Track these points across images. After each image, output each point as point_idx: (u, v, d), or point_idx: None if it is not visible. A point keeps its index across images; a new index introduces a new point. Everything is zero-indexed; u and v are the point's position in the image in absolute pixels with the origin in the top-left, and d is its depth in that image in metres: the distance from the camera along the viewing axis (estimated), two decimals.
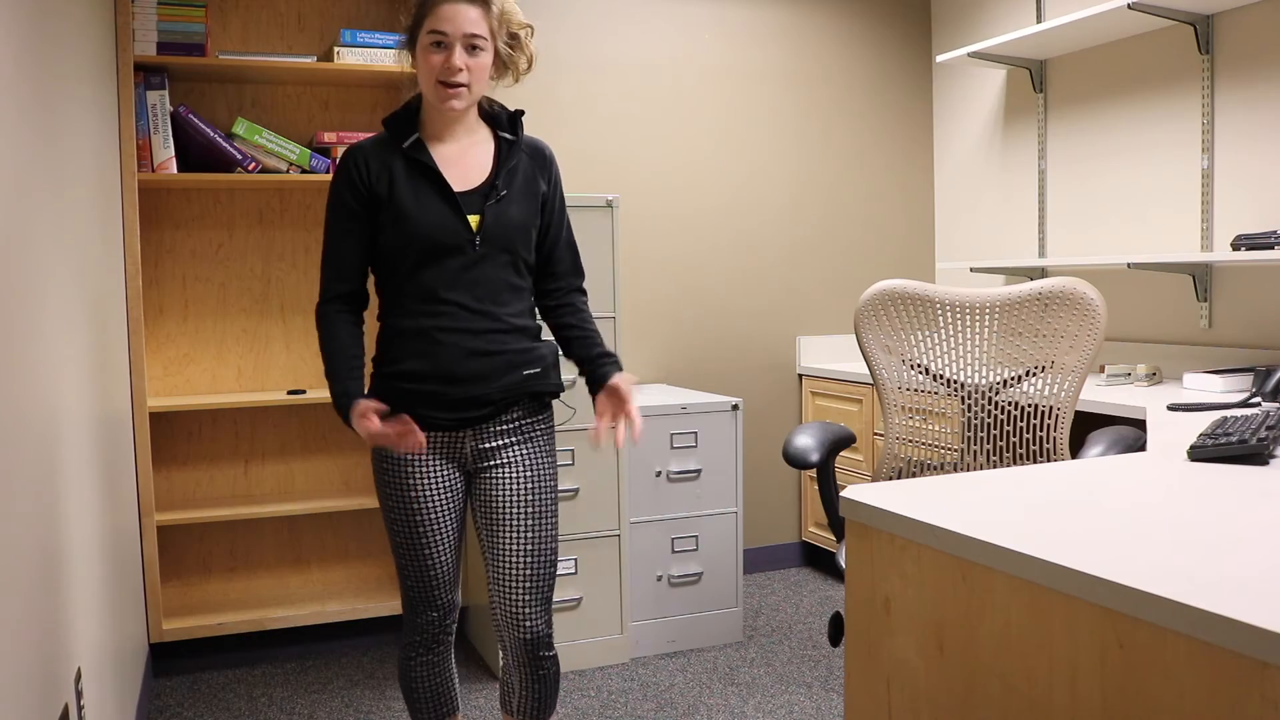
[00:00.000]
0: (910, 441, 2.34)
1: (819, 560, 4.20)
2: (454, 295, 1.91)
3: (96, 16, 2.55)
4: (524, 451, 2.00)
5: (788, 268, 4.14)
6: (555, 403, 2.66)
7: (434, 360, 1.91)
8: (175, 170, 3.00)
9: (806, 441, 2.22)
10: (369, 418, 1.85)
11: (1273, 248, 2.77)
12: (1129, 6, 3.02)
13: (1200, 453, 1.67)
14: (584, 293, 2.13)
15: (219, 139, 3.05)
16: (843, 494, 1.45)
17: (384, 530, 3.50)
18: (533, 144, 2.04)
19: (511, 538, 1.99)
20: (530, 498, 2.00)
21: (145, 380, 2.95)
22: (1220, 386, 2.77)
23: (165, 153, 2.99)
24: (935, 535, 1.27)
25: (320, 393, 3.23)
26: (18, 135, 1.49)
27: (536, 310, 2.07)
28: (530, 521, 1.99)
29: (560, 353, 2.09)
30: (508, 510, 1.99)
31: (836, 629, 2.11)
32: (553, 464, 2.04)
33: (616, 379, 1.99)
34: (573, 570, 3.10)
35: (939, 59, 3.81)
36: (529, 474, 2.00)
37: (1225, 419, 1.90)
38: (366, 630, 3.37)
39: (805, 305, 4.17)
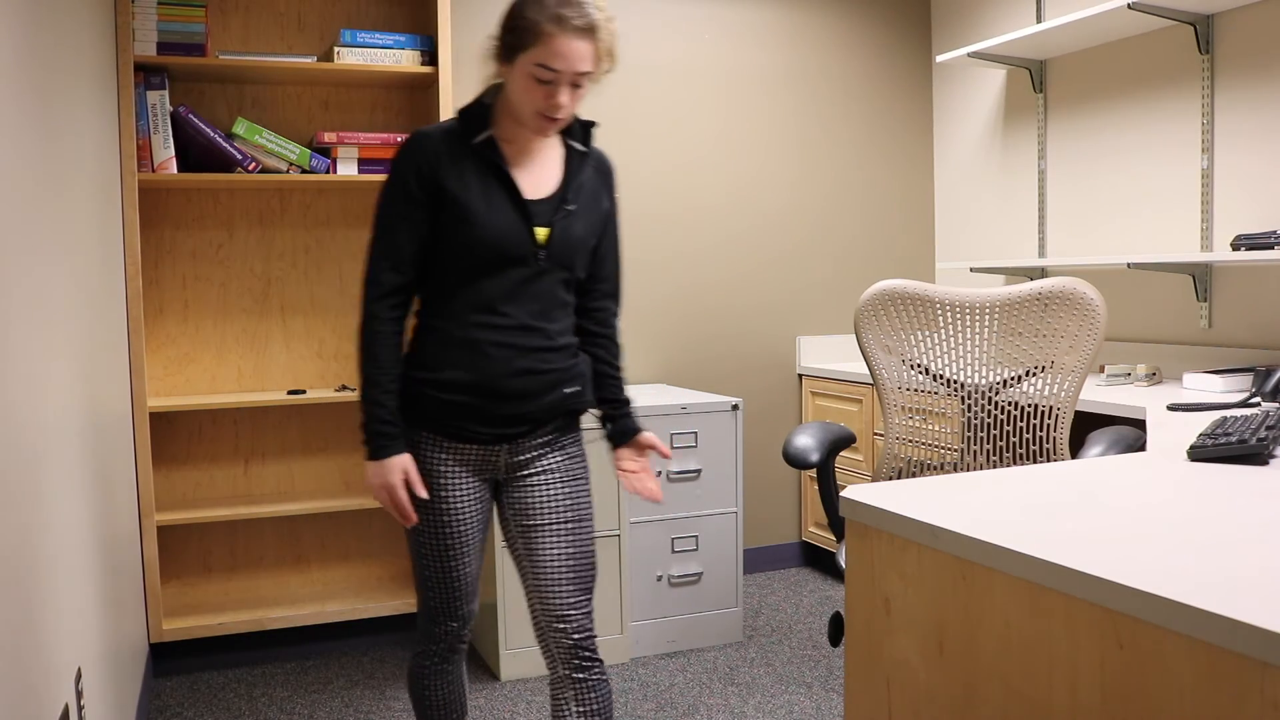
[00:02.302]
0: (910, 441, 2.34)
1: (819, 560, 4.20)
2: (511, 308, 1.84)
3: (96, 16, 2.55)
4: (558, 460, 1.96)
5: (787, 268, 4.14)
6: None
7: (480, 373, 1.84)
8: (175, 170, 3.00)
9: (806, 441, 2.22)
10: (400, 490, 1.82)
11: (1273, 248, 2.77)
12: (1129, 6, 3.02)
13: (1200, 453, 1.67)
14: (618, 316, 2.08)
15: (219, 139, 3.05)
16: (843, 494, 1.45)
17: (384, 530, 3.50)
18: (598, 156, 1.97)
19: (552, 543, 1.93)
20: (568, 503, 1.94)
21: (145, 380, 2.95)
22: (1220, 386, 2.77)
23: (165, 153, 2.99)
24: (935, 535, 1.27)
25: (320, 393, 3.23)
26: (18, 135, 1.49)
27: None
28: (571, 526, 1.94)
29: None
30: (547, 518, 1.93)
31: (836, 629, 2.11)
32: (586, 471, 2.00)
33: (646, 437, 2.01)
34: None
35: (939, 59, 3.81)
36: (566, 480, 1.95)
37: (1225, 419, 1.90)
38: (366, 630, 3.37)
39: (805, 305, 4.17)
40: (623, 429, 2.03)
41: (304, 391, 3.25)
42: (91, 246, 2.27)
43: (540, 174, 1.89)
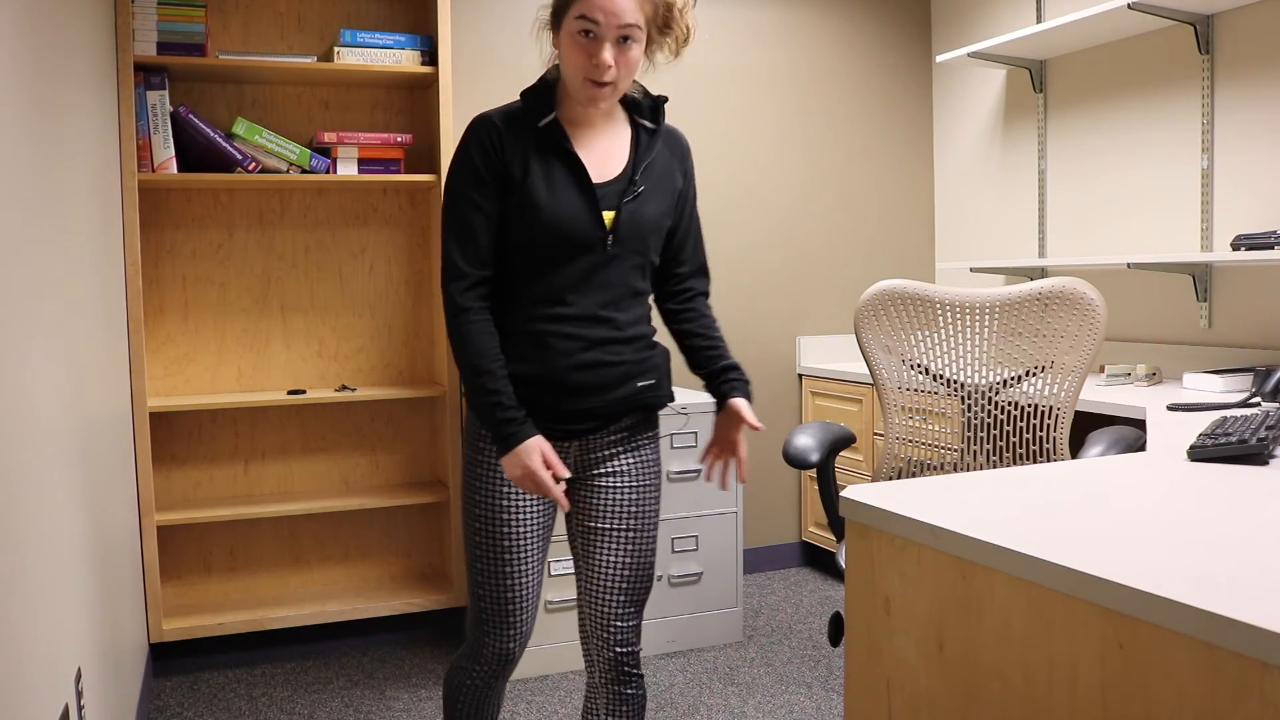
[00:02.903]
0: (910, 441, 2.34)
1: (819, 560, 4.20)
2: (577, 298, 1.77)
3: (96, 17, 2.55)
4: (631, 462, 1.88)
5: (788, 268, 4.13)
6: (669, 413, 2.58)
7: (546, 367, 1.77)
8: (175, 170, 3.00)
9: (806, 441, 2.22)
10: (543, 473, 1.71)
11: (1273, 248, 2.77)
12: (1129, 6, 3.02)
13: (1200, 453, 1.67)
14: (708, 295, 1.99)
15: (219, 139, 3.05)
16: (843, 494, 1.45)
17: (383, 530, 3.50)
18: (669, 132, 1.89)
19: (611, 550, 1.87)
20: (634, 510, 1.88)
21: (145, 380, 2.95)
22: (1220, 386, 2.77)
23: (165, 153, 2.99)
24: (935, 535, 1.27)
25: (320, 393, 3.23)
26: (17, 135, 1.49)
27: (652, 314, 1.94)
28: (632, 535, 1.88)
29: (671, 357, 1.97)
30: (610, 523, 1.87)
31: (836, 629, 2.11)
32: (658, 475, 1.93)
33: (735, 402, 1.88)
34: (572, 570, 3.10)
35: (939, 59, 3.81)
36: (635, 486, 1.88)
37: (1225, 419, 1.90)
38: (366, 630, 3.37)
39: (805, 305, 4.17)
40: (719, 393, 1.91)
41: (304, 391, 3.25)
42: (91, 246, 2.27)
43: (606, 155, 1.81)
